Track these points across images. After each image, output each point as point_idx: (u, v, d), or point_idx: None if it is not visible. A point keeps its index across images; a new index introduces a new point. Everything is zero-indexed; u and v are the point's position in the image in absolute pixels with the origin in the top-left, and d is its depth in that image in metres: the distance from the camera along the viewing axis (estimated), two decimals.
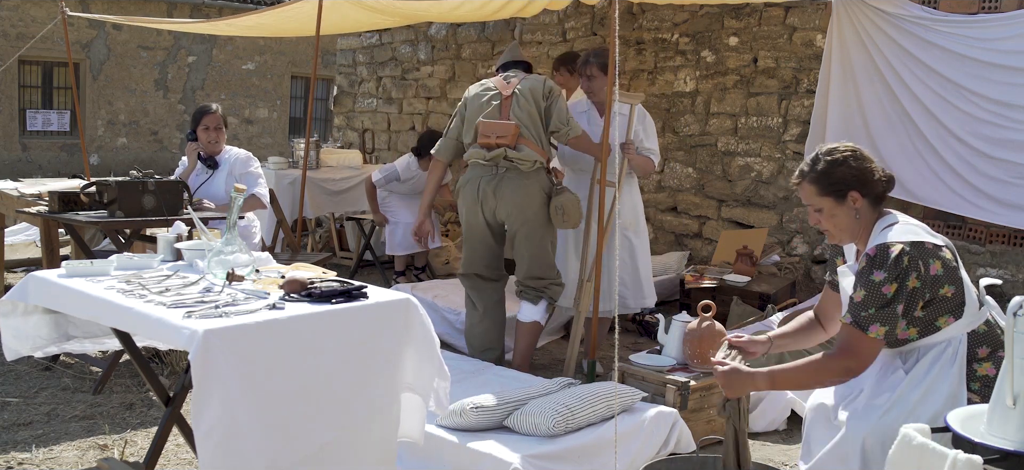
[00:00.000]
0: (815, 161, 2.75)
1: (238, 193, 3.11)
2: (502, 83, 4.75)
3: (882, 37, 5.55)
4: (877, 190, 2.71)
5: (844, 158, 2.71)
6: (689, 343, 3.96)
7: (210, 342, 2.38)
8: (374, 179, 7.11)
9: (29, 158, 16.89)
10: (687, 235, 7.28)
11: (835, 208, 2.73)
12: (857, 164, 2.70)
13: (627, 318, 5.83)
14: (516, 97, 4.64)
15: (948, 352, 2.58)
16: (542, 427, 3.33)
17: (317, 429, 2.66)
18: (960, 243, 5.70)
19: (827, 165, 2.72)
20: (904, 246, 2.54)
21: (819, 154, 2.76)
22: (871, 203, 2.72)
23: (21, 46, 13.21)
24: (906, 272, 2.51)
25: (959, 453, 1.82)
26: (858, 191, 2.69)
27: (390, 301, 2.87)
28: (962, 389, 2.56)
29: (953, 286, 2.57)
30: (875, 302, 2.53)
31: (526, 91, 4.66)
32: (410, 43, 9.60)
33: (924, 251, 2.55)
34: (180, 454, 3.60)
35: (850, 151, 2.73)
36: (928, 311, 2.57)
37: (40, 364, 4.62)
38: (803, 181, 2.78)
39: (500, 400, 3.47)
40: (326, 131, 16.76)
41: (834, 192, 2.71)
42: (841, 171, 2.70)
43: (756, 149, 6.77)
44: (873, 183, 2.70)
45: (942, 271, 2.56)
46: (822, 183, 2.72)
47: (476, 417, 3.40)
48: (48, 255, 5.05)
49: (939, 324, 2.58)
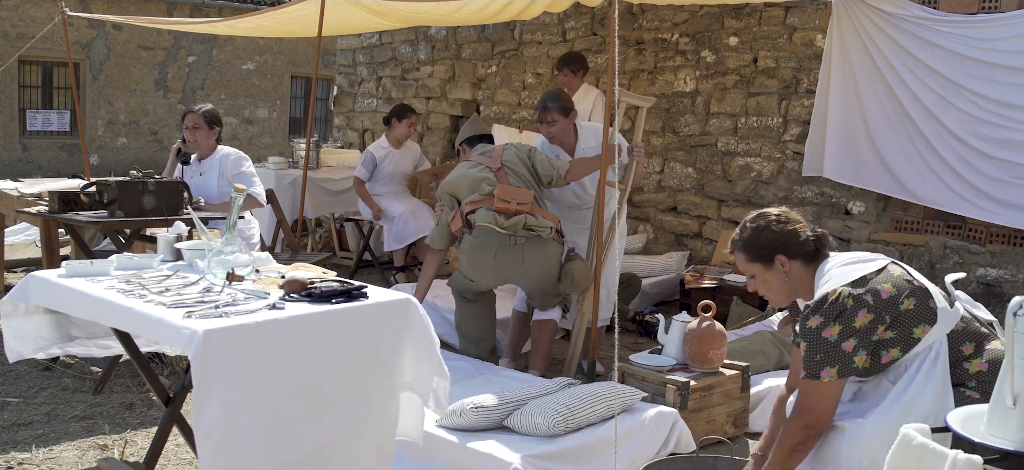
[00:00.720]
0: (742, 229, 2.81)
1: (238, 193, 3.11)
2: (484, 158, 4.74)
3: (882, 37, 5.55)
4: (805, 251, 2.74)
5: (767, 224, 2.76)
6: (689, 343, 3.96)
7: (210, 342, 2.38)
8: (358, 175, 7.23)
9: (29, 158, 16.89)
10: (687, 235, 7.28)
11: (765, 273, 2.78)
12: (780, 228, 2.74)
13: (627, 318, 5.83)
14: (507, 168, 4.63)
15: (930, 356, 2.59)
16: (542, 427, 3.33)
17: (317, 429, 2.66)
18: (960, 243, 5.70)
19: (752, 232, 2.78)
20: (841, 290, 2.55)
21: (746, 222, 2.82)
22: (803, 263, 2.75)
23: (21, 46, 13.20)
24: (850, 312, 2.53)
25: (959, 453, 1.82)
26: (784, 254, 2.73)
27: (390, 301, 2.87)
28: (948, 389, 2.56)
29: (912, 298, 2.56)
30: (819, 347, 2.55)
31: (512, 159, 4.68)
32: (410, 43, 9.60)
33: (866, 282, 2.57)
34: (180, 454, 3.60)
35: (775, 216, 2.77)
36: (899, 328, 2.57)
37: (40, 364, 4.62)
38: (734, 249, 2.84)
39: (500, 400, 3.47)
40: (326, 131, 16.76)
41: (761, 257, 2.76)
42: (765, 236, 2.75)
43: (756, 149, 6.77)
44: (799, 244, 2.73)
45: (895, 290, 2.56)
46: (749, 250, 2.78)
47: (476, 417, 3.40)
48: (48, 255, 5.05)
49: (916, 335, 2.57)
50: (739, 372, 4.04)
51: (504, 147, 4.81)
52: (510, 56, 8.60)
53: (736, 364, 4.08)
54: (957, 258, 5.70)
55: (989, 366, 2.58)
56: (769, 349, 4.51)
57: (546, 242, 4.48)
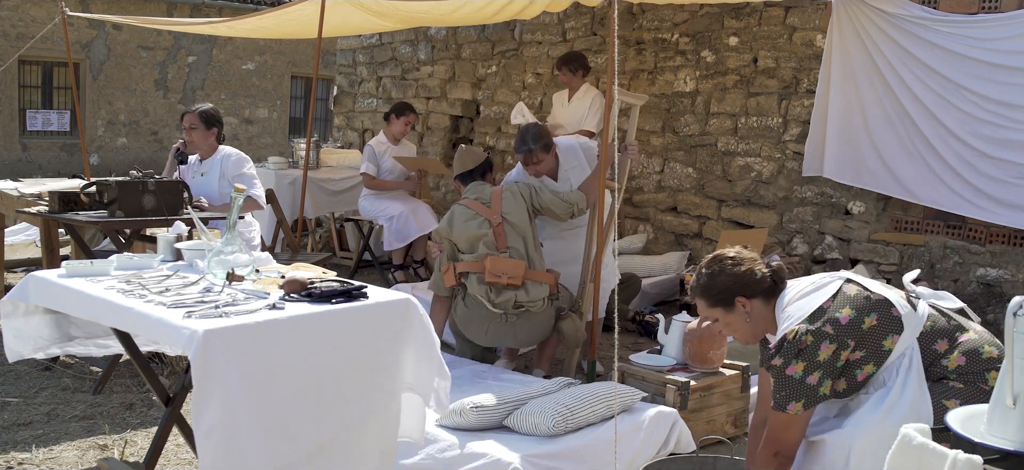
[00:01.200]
0: (698, 275, 2.82)
1: (238, 193, 3.11)
2: (484, 208, 4.52)
3: (882, 37, 5.55)
4: (763, 288, 2.76)
5: (722, 268, 2.77)
6: (689, 343, 3.96)
7: (210, 342, 2.38)
8: (365, 171, 7.24)
9: (29, 158, 16.89)
10: (687, 235, 7.28)
11: (727, 316, 2.80)
12: (735, 270, 2.75)
13: (627, 318, 5.83)
14: (506, 223, 4.47)
15: (904, 364, 2.60)
16: (542, 427, 3.33)
17: (317, 429, 2.66)
18: (960, 243, 5.70)
19: (707, 278, 2.79)
20: (799, 329, 2.57)
21: (701, 268, 2.83)
22: (763, 301, 2.76)
23: (21, 46, 13.20)
24: (813, 348, 2.55)
25: (959, 453, 1.82)
26: (743, 296, 2.75)
27: (390, 301, 2.87)
28: (924, 395, 2.57)
29: (874, 314, 2.58)
30: (785, 385, 2.58)
31: (511, 210, 4.49)
32: (410, 43, 9.60)
33: (823, 313, 2.58)
34: (180, 454, 3.60)
35: (730, 259, 2.78)
36: (867, 346, 2.59)
37: (40, 364, 4.62)
38: (694, 296, 2.86)
39: (500, 400, 3.47)
40: (326, 131, 16.76)
41: (721, 302, 2.78)
42: (721, 280, 2.76)
43: (756, 149, 6.76)
44: (756, 284, 2.75)
45: (854, 312, 2.57)
46: (707, 296, 2.80)
47: (476, 417, 3.40)
48: (48, 255, 5.05)
49: (886, 347, 2.59)
50: (739, 372, 4.04)
51: (503, 191, 4.58)
52: (510, 56, 8.60)
53: (736, 364, 4.08)
54: (957, 258, 5.70)
55: (966, 359, 2.59)
56: None
57: (537, 314, 4.44)
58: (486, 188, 4.68)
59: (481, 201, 4.57)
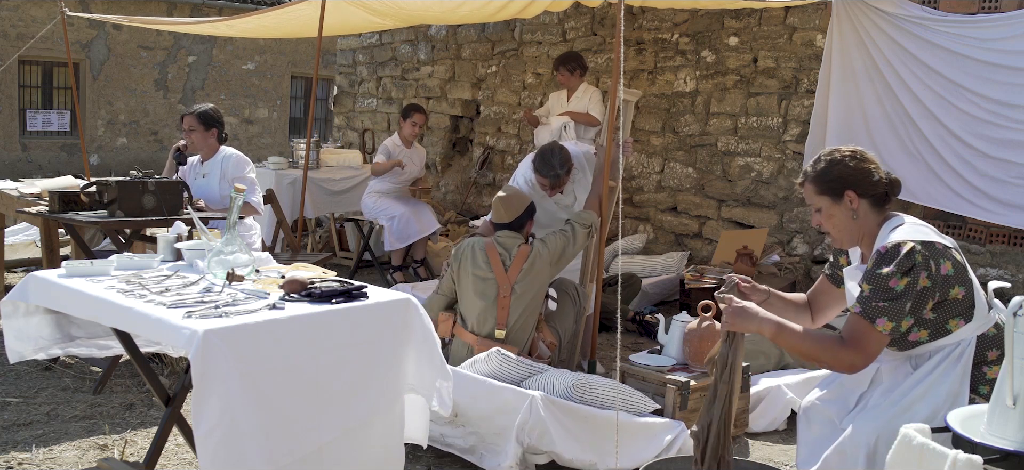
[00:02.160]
0: (817, 161, 2.78)
1: (238, 193, 3.11)
2: (499, 268, 4.10)
3: (882, 37, 5.55)
4: (876, 191, 2.71)
5: (842, 158, 2.73)
6: (689, 343, 3.96)
7: (210, 342, 2.39)
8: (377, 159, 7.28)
9: (29, 158, 16.89)
10: (687, 235, 7.28)
11: (832, 207, 2.74)
12: (855, 164, 2.71)
13: (627, 318, 5.83)
14: (516, 294, 4.07)
15: (954, 352, 2.58)
16: (560, 388, 3.52)
17: (317, 429, 2.66)
18: (960, 243, 5.69)
19: (826, 164, 2.74)
20: (915, 244, 2.53)
21: (821, 155, 2.79)
22: (871, 205, 2.71)
23: (21, 46, 13.20)
24: (917, 269, 2.50)
25: (959, 453, 1.82)
26: (854, 191, 2.70)
27: (390, 301, 2.87)
28: (964, 389, 2.56)
29: (963, 288, 2.57)
30: (883, 295, 2.52)
31: (527, 282, 4.08)
32: (410, 43, 9.60)
33: (935, 250, 2.55)
34: (180, 454, 3.60)
35: (851, 152, 2.74)
36: (938, 312, 2.57)
37: (40, 364, 4.62)
38: (805, 181, 2.80)
39: (521, 361, 3.69)
40: (326, 131, 16.76)
41: (830, 191, 2.72)
42: (838, 170, 2.71)
43: (756, 149, 6.76)
44: (871, 184, 2.70)
45: (953, 271, 2.55)
46: (819, 182, 2.74)
47: (500, 361, 3.62)
48: (48, 255, 5.05)
49: (949, 326, 2.57)
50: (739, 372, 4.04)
51: (531, 254, 4.13)
52: (510, 56, 8.60)
53: None
54: None
55: None
56: (769, 349, 4.51)
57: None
58: (516, 241, 4.21)
59: (502, 256, 4.15)
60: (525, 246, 4.19)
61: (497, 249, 4.16)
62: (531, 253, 4.14)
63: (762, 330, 2.64)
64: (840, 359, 2.59)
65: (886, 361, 2.70)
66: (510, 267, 4.11)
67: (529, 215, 4.31)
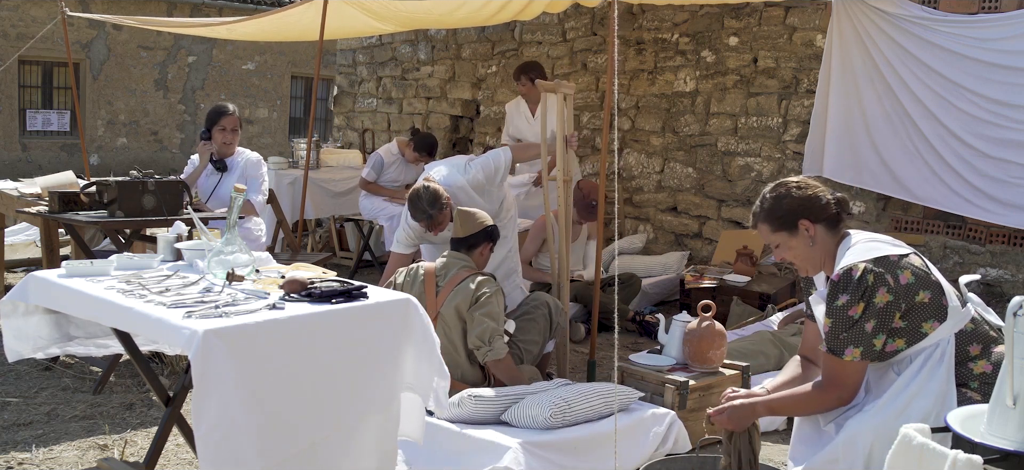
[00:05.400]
0: (763, 199, 2.81)
1: (238, 193, 3.11)
2: (431, 289, 3.94)
3: (882, 37, 5.55)
4: (828, 214, 2.74)
5: (788, 190, 2.76)
6: (689, 343, 3.96)
7: (210, 342, 2.38)
8: (365, 176, 7.29)
9: (29, 158, 16.89)
10: (687, 235, 7.28)
11: (790, 240, 2.77)
12: (801, 193, 2.74)
13: (627, 318, 5.84)
14: (442, 320, 3.88)
15: (936, 354, 2.59)
16: (539, 418, 3.39)
17: (317, 429, 2.66)
18: (960, 243, 5.70)
19: (772, 201, 2.78)
20: (866, 265, 2.55)
21: (765, 193, 2.82)
22: (826, 228, 2.74)
23: (21, 46, 13.20)
24: (872, 289, 2.52)
25: (959, 453, 1.82)
26: (807, 219, 2.73)
27: (390, 301, 2.87)
28: (951, 388, 2.56)
29: (928, 291, 2.57)
30: (844, 326, 2.55)
31: (450, 312, 3.88)
32: (410, 43, 9.60)
33: (889, 263, 2.56)
34: (180, 454, 3.60)
35: (794, 183, 2.78)
36: (909, 320, 2.57)
37: (40, 364, 4.62)
38: (756, 222, 2.84)
39: (498, 393, 3.54)
40: (326, 131, 16.76)
41: (784, 225, 2.76)
42: (787, 203, 2.75)
43: (756, 149, 6.77)
44: (822, 207, 2.73)
45: (914, 279, 2.56)
46: (771, 219, 2.78)
47: (474, 406, 3.46)
48: (48, 255, 5.05)
49: (924, 330, 2.58)
50: (739, 372, 4.04)
51: (466, 285, 3.90)
52: (510, 56, 8.60)
53: (736, 364, 4.08)
54: (957, 258, 5.70)
55: (994, 368, 2.57)
56: (769, 349, 4.51)
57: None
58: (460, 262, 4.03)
59: (438, 276, 3.99)
60: (465, 271, 3.98)
61: (434, 272, 4.00)
62: (462, 284, 3.91)
63: (757, 414, 2.77)
64: (826, 403, 2.65)
65: (871, 371, 2.72)
66: (441, 290, 3.94)
67: (485, 238, 4.13)
